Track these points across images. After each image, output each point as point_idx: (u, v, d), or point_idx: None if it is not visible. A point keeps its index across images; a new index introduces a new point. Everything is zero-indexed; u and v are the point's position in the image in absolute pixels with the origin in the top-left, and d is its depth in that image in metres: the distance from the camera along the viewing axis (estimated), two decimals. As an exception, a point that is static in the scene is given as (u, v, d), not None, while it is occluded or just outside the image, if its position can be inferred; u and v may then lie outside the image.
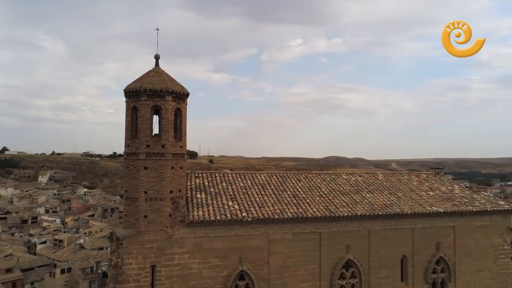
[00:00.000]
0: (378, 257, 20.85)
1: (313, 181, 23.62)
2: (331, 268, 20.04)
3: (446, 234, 22.07)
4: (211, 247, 18.54)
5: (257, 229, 19.21)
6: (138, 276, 17.43)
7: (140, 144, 17.93)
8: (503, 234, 23.06)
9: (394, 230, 21.27)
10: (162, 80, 18.50)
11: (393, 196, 22.92)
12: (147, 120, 18.01)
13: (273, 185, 22.46)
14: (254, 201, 20.38)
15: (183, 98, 19.08)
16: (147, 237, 17.65)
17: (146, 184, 17.75)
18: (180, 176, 18.73)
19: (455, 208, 22.24)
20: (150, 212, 17.75)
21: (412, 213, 21.29)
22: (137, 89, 18.05)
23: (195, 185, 21.38)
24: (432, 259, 21.63)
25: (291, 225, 19.70)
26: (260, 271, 19.08)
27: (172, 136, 18.47)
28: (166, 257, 17.84)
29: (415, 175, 26.65)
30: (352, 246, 20.48)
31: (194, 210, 18.82)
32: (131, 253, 17.43)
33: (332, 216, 20.06)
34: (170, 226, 18.00)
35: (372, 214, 20.70)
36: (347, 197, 22.11)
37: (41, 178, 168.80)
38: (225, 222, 18.60)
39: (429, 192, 23.90)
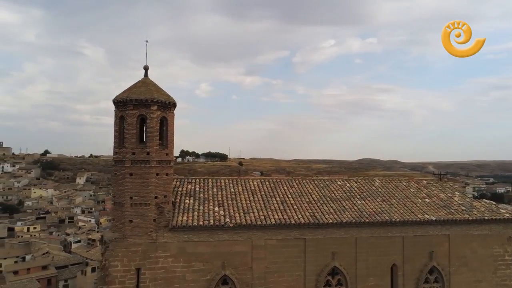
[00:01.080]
0: (366, 265, 20.61)
1: (305, 187, 23.69)
2: (316, 275, 20.04)
3: (440, 243, 21.46)
4: (195, 252, 19.10)
5: (241, 234, 19.58)
6: (123, 278, 18.26)
7: (126, 151, 18.80)
8: (504, 244, 22.12)
9: (384, 238, 20.96)
10: (148, 90, 19.31)
11: (386, 203, 22.58)
12: (132, 129, 18.85)
13: (264, 191, 22.75)
14: (241, 207, 20.78)
15: (169, 107, 19.80)
16: (132, 240, 18.46)
17: (131, 190, 18.58)
18: (165, 182, 19.44)
19: (449, 216, 21.61)
20: (135, 217, 18.56)
21: (402, 221, 20.92)
22: (124, 99, 18.95)
23: (186, 190, 22.08)
24: (424, 269, 21.10)
25: (275, 231, 19.91)
26: (243, 276, 19.42)
27: (157, 144, 19.21)
28: (150, 260, 18.57)
29: (415, 181, 26.02)
30: (339, 253, 20.39)
31: (179, 215, 19.47)
32: (117, 256, 18.29)
33: (317, 223, 20.08)
34: (154, 231, 18.73)
35: (359, 222, 20.52)
36: (337, 203, 22.03)
37: (78, 180, 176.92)
38: (208, 228, 19.11)
39: (425, 199, 23.32)
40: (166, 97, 19.72)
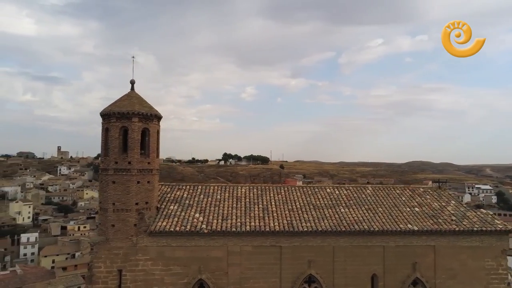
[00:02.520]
0: (344, 274, 20.49)
1: (292, 195, 23.92)
2: (291, 283, 20.27)
3: (425, 254, 20.81)
4: (173, 256, 20.11)
5: (217, 240, 20.32)
6: (106, 279, 19.67)
7: (110, 160, 20.25)
8: (497, 256, 20.97)
9: (363, 247, 20.72)
10: (130, 104, 20.68)
11: (371, 211, 22.25)
12: (115, 140, 20.27)
13: (249, 198, 23.31)
14: (221, 214, 21.51)
15: (151, 119, 21.03)
16: (114, 244, 19.84)
17: (114, 196, 20.00)
18: (147, 190, 20.65)
19: (434, 226, 20.88)
20: (117, 222, 19.94)
21: (382, 230, 20.56)
22: (108, 112, 20.45)
23: (174, 197, 23.20)
24: (407, 280, 20.57)
25: (251, 238, 20.42)
26: (219, 280, 20.12)
27: (138, 153, 20.49)
28: (131, 263, 19.84)
29: (411, 189, 25.28)
30: (315, 261, 20.47)
31: (159, 221, 20.59)
32: (100, 258, 19.76)
33: (291, 230, 20.33)
34: (135, 235, 20.00)
35: (336, 230, 20.48)
36: (319, 211, 22.08)
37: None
38: (185, 233, 20.05)
39: (415, 208, 22.67)
40: (148, 109, 20.97)
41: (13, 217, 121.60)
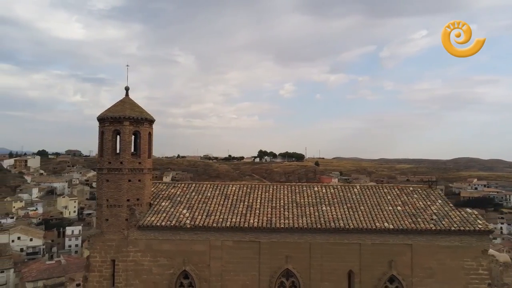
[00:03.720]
0: (321, 270, 21.27)
1: (279, 193, 24.88)
2: (269, 276, 21.35)
3: (402, 253, 21.11)
4: (160, 248, 21.86)
5: (200, 235, 21.82)
6: (101, 267, 21.79)
7: (104, 161, 22.32)
8: (478, 257, 20.84)
9: (340, 244, 21.37)
10: (122, 109, 22.61)
11: (352, 210, 22.79)
12: (109, 142, 22.29)
13: (237, 196, 24.58)
14: (206, 210, 22.98)
15: (141, 122, 22.84)
16: (108, 236, 21.90)
17: (107, 193, 22.06)
18: (138, 187, 22.52)
19: (411, 225, 21.12)
20: (110, 216, 21.98)
21: (357, 228, 21.12)
22: (102, 117, 22.51)
23: (168, 194, 24.97)
24: (383, 277, 21.00)
25: (232, 233, 21.72)
26: (202, 272, 21.63)
27: (130, 154, 22.40)
28: (122, 254, 21.82)
29: (399, 188, 25.42)
30: (293, 257, 21.41)
31: (149, 216, 22.41)
32: (96, 249, 21.90)
33: (269, 227, 21.40)
34: (126, 229, 21.94)
35: (312, 227, 21.29)
36: (300, 209, 22.94)
37: (165, 178, 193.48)
38: (170, 228, 21.72)
39: (397, 207, 22.92)
40: (139, 114, 22.80)
41: (60, 211, 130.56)
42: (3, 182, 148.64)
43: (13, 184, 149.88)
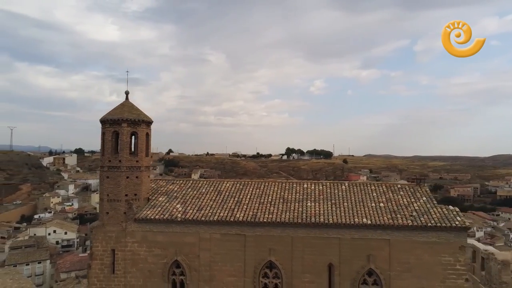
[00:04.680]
0: (302, 263, 22.42)
1: (269, 189, 26.18)
2: (254, 267, 22.75)
3: (380, 247, 21.89)
4: (154, 240, 23.77)
5: (190, 228, 23.53)
6: (102, 256, 23.99)
7: (105, 159, 24.49)
8: (455, 253, 21.29)
9: (320, 238, 22.43)
10: (121, 111, 24.66)
11: (335, 206, 23.74)
12: (109, 142, 24.41)
13: (229, 192, 26.12)
14: (198, 205, 24.67)
15: (139, 124, 24.79)
16: (108, 228, 24.05)
17: (107, 189, 24.21)
18: (135, 184, 24.52)
19: (389, 221, 21.86)
20: (110, 210, 24.12)
21: (337, 223, 22.10)
22: (103, 120, 24.65)
23: (166, 190, 26.89)
24: (361, 271, 21.87)
25: (219, 227, 23.29)
26: (192, 262, 23.35)
27: (128, 153, 24.42)
28: (121, 244, 23.90)
29: (387, 186, 26.05)
30: (276, 250, 22.70)
31: (145, 210, 24.37)
32: (98, 239, 24.12)
33: (253, 221, 22.79)
34: (124, 221, 24.00)
35: (294, 222, 22.47)
36: (286, 205, 24.15)
37: (193, 176, 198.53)
38: (163, 221, 23.57)
39: (380, 204, 23.66)
40: (136, 116, 24.78)
41: (94, 206, 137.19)
42: (42, 179, 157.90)
43: (52, 181, 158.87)
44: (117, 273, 23.69)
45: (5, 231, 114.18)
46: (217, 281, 23.02)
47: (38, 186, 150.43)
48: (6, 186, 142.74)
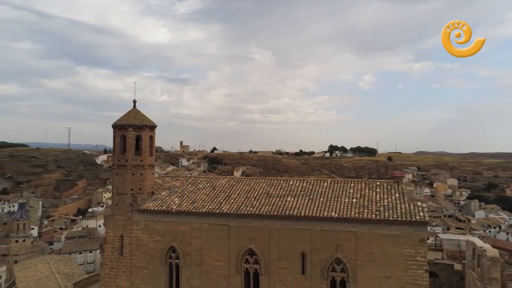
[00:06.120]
0: (278, 251, 25.13)
1: (258, 186, 29.08)
2: (237, 253, 25.82)
3: (347, 239, 24.02)
4: (154, 228, 27.61)
5: (183, 218, 27.09)
6: (113, 241, 28.25)
7: (115, 159, 28.74)
8: (416, 245, 22.92)
9: (294, 229, 24.98)
10: (128, 118, 28.76)
11: (311, 201, 26.13)
12: (117, 144, 28.61)
13: (222, 188, 29.38)
14: (192, 198, 28.17)
15: (143, 128, 28.75)
16: (118, 217, 28.26)
17: (116, 184, 28.46)
18: (139, 180, 28.53)
19: (355, 215, 23.91)
20: (119, 202, 28.33)
21: (307, 216, 24.54)
22: (114, 125, 28.88)
23: (169, 185, 30.72)
24: (330, 259, 24.14)
25: (207, 217, 26.62)
26: (185, 248, 26.89)
27: (133, 153, 28.47)
28: (128, 231, 28.01)
29: (366, 183, 27.89)
30: (255, 238, 25.59)
31: (148, 202, 28.29)
32: (109, 226, 28.43)
33: (236, 213, 25.85)
34: (130, 212, 28.09)
35: (270, 214, 25.22)
36: (268, 199, 26.93)
37: (235, 173, 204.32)
38: (161, 212, 27.33)
39: (353, 200, 25.68)
40: (140, 121, 28.76)
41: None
42: (96, 175, 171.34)
43: (104, 177, 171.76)
44: (125, 256, 27.85)
45: (63, 222, 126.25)
46: (206, 265, 26.39)
47: (92, 182, 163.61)
48: (65, 182, 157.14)
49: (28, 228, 74.80)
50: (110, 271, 27.96)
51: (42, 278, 42.27)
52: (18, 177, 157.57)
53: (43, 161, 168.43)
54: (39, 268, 46.46)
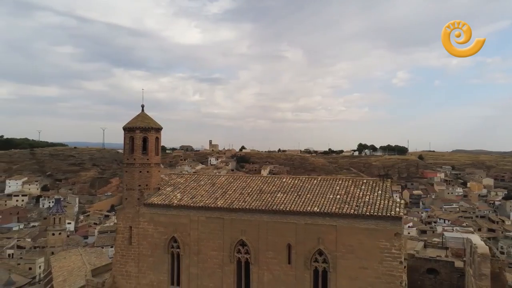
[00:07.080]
0: (266, 242, 27.38)
1: (253, 183, 31.43)
2: (230, 244, 28.32)
3: (328, 232, 25.91)
4: (159, 220, 30.59)
5: (183, 211, 29.90)
6: (123, 231, 31.52)
7: (125, 158, 32.02)
8: (391, 238, 24.47)
9: (280, 223, 27.13)
10: (136, 121, 31.92)
11: (299, 197, 28.17)
12: (127, 145, 31.83)
13: (220, 184, 31.98)
14: (192, 194, 30.94)
15: (149, 130, 31.82)
16: (127, 210, 31.50)
17: (126, 180, 31.71)
18: (146, 177, 31.62)
19: (335, 210, 25.75)
20: (128, 196, 31.55)
21: (292, 211, 26.63)
22: (124, 128, 32.14)
23: (174, 182, 33.67)
24: (312, 250, 26.13)
25: (204, 211, 29.28)
26: (185, 239, 29.69)
27: (140, 153, 31.59)
28: (136, 223, 31.17)
29: (353, 181, 29.56)
30: (246, 231, 27.97)
31: (153, 197, 31.33)
32: (120, 218, 31.74)
33: (229, 208, 28.33)
34: (138, 205, 31.23)
35: (259, 209, 27.51)
36: (259, 195, 29.21)
37: (263, 171, 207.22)
38: (164, 205, 30.27)
39: (336, 196, 27.50)
40: (146, 124, 31.84)
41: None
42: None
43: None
44: (133, 245, 31.03)
45: (97, 218, 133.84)
46: (203, 254, 29.07)
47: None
48: (99, 179, 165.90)
49: (63, 222, 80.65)
50: (121, 258, 31.26)
51: (75, 268, 46.78)
52: (57, 175, 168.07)
53: (80, 160, 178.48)
54: (73, 260, 51.22)
